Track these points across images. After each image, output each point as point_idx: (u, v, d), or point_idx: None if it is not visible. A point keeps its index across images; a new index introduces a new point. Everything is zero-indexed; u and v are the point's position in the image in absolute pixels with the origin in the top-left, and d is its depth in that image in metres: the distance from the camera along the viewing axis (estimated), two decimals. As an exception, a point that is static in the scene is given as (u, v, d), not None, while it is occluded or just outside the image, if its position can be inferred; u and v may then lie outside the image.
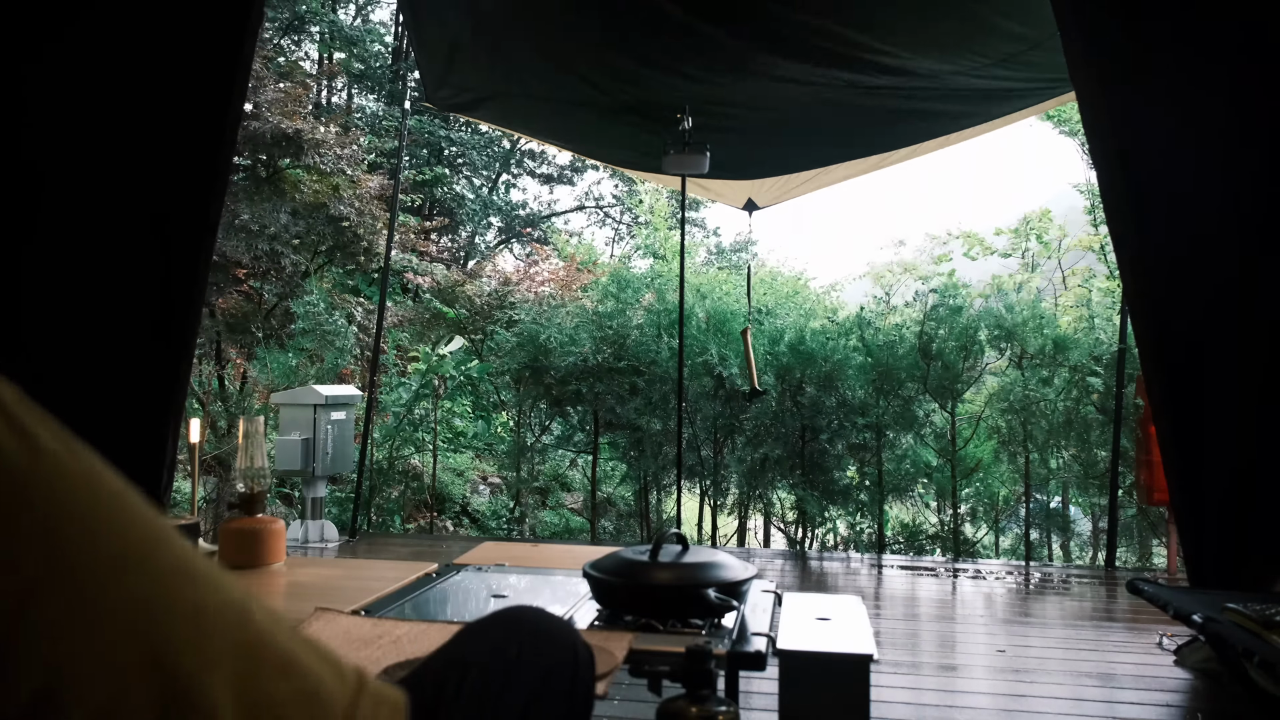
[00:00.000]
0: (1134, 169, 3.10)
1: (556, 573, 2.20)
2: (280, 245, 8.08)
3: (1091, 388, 5.58)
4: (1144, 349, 3.23)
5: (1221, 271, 3.06)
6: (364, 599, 1.86)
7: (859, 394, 5.84)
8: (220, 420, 7.13)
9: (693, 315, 6.14)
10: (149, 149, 3.22)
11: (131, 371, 3.27)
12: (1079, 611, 4.21)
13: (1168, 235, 3.10)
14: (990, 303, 6.13)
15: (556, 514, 7.49)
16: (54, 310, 3.15)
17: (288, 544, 2.34)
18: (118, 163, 3.21)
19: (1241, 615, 2.29)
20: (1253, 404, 3.00)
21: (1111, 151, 3.11)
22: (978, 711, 2.80)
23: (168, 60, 3.20)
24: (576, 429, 6.59)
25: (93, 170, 3.19)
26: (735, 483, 6.22)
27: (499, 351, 6.58)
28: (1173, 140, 3.09)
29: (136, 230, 3.25)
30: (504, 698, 1.01)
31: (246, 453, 2.27)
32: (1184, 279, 3.12)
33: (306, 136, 7.85)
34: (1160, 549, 5.84)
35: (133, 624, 0.42)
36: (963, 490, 5.94)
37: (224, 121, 3.27)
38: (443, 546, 5.55)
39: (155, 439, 3.30)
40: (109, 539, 0.43)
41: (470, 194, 14.92)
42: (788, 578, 4.83)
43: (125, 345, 3.28)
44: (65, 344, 3.18)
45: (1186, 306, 3.12)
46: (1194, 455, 3.10)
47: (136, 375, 3.28)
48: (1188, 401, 3.09)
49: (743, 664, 1.56)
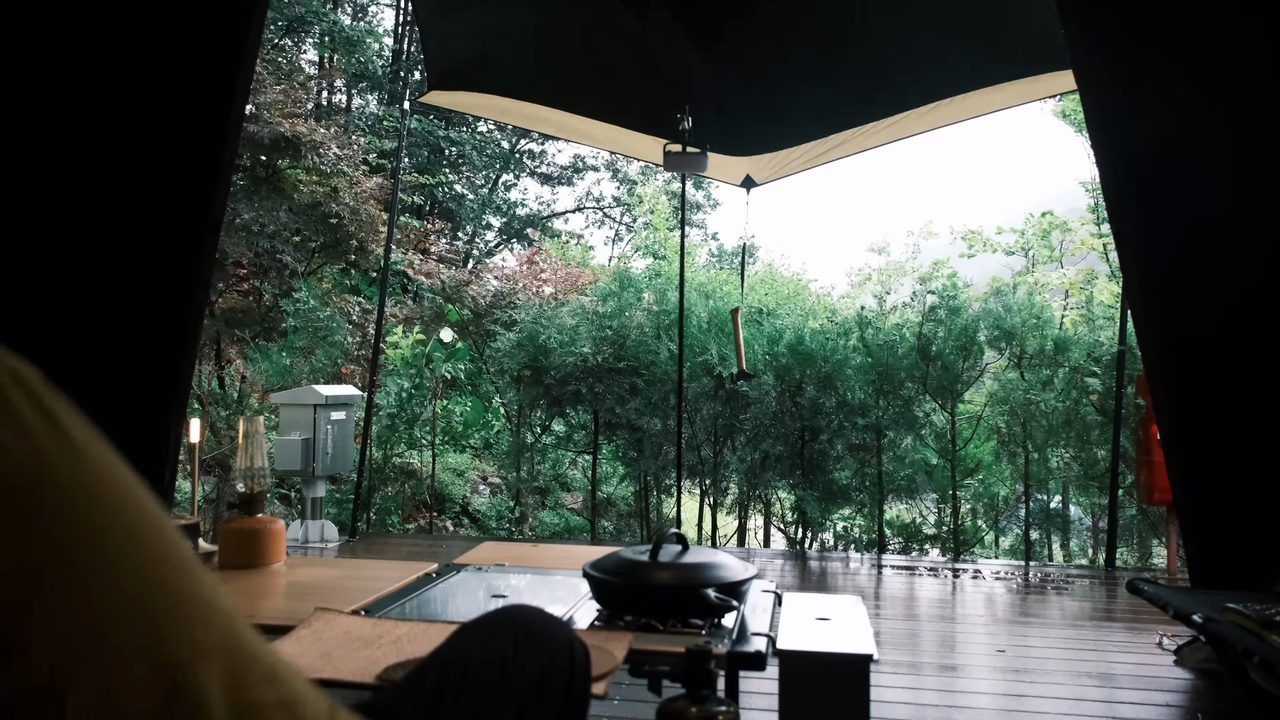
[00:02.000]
0: (1137, 162, 3.09)
1: (556, 573, 2.20)
2: (280, 244, 8.09)
3: (1091, 388, 5.58)
4: (1145, 347, 3.23)
5: (1226, 270, 3.06)
6: (364, 599, 1.86)
7: (859, 394, 5.84)
8: (219, 420, 7.13)
9: (693, 315, 6.14)
10: (152, 148, 3.22)
11: (134, 370, 3.27)
12: (1079, 611, 4.20)
13: (1169, 230, 3.09)
14: (990, 303, 6.13)
15: (556, 514, 7.49)
16: (58, 309, 3.15)
17: (287, 544, 2.34)
18: (121, 162, 3.21)
19: (1241, 615, 2.29)
20: (1255, 402, 3.00)
21: (1114, 143, 3.10)
22: (978, 712, 2.79)
23: (171, 59, 3.20)
24: (576, 429, 6.59)
25: (96, 170, 3.19)
26: (735, 483, 6.22)
27: (499, 352, 6.57)
28: (1175, 133, 3.08)
29: (139, 229, 3.26)
30: (500, 697, 1.01)
31: (246, 453, 2.26)
32: (1186, 276, 3.11)
33: (305, 138, 7.85)
34: (1160, 549, 5.84)
35: (136, 615, 0.42)
36: (962, 490, 5.94)
37: (227, 119, 3.27)
38: (443, 546, 5.55)
39: (158, 437, 3.30)
40: (119, 531, 0.43)
41: (470, 194, 14.93)
42: (788, 578, 4.82)
43: (128, 344, 3.28)
44: (68, 342, 3.18)
45: (1190, 304, 3.11)
46: (1196, 454, 3.10)
47: (139, 373, 3.28)
48: (1190, 400, 3.09)
49: (743, 664, 1.56)
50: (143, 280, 3.28)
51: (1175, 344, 3.12)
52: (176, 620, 0.44)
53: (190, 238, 3.29)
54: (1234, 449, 3.04)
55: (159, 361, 3.32)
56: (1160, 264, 3.12)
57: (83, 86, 3.10)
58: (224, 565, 2.17)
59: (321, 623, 1.66)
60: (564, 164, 16.65)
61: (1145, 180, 3.09)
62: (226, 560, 2.18)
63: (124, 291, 3.26)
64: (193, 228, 3.29)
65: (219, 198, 3.33)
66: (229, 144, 3.31)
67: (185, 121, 3.24)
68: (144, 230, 3.26)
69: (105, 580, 0.42)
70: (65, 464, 0.42)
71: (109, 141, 3.19)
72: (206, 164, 3.26)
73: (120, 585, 0.42)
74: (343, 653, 1.50)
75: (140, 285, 3.27)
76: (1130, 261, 3.20)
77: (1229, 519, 3.03)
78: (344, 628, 1.64)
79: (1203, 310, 3.10)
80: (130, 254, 3.26)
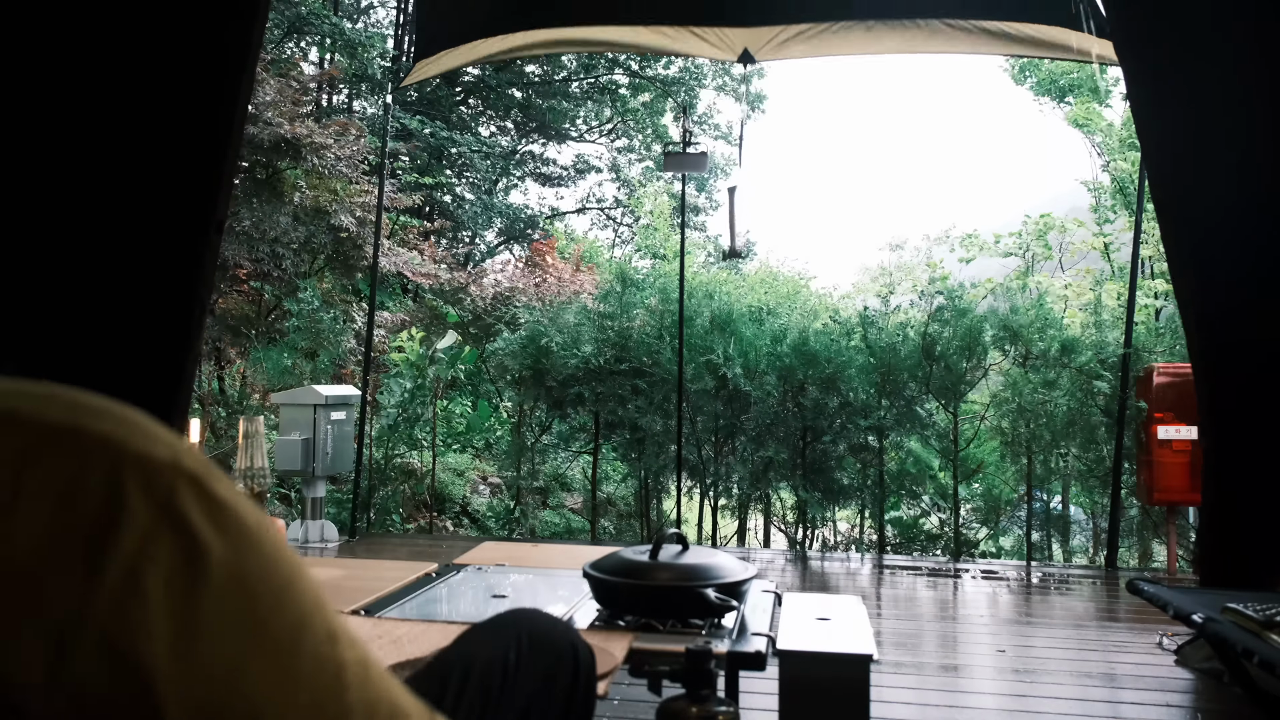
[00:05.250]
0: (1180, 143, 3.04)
1: (556, 573, 2.20)
2: (280, 248, 8.09)
3: (1096, 389, 5.57)
4: (1192, 345, 3.20)
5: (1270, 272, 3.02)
6: (364, 599, 1.86)
7: (861, 395, 5.84)
8: (219, 420, 7.13)
9: (695, 315, 6.14)
10: (155, 146, 3.22)
11: (137, 370, 3.27)
12: (1080, 612, 4.20)
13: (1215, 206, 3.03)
14: (995, 303, 6.12)
15: (557, 514, 7.49)
16: (60, 309, 3.15)
17: (288, 544, 2.34)
18: (122, 161, 3.21)
19: (1241, 615, 2.28)
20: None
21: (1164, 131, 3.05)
22: (979, 712, 2.79)
23: (173, 58, 3.20)
24: (577, 430, 6.59)
25: (98, 169, 3.19)
26: (737, 483, 6.22)
27: (500, 354, 6.57)
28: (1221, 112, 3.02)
29: (142, 227, 3.25)
30: (506, 699, 1.01)
31: (247, 453, 2.27)
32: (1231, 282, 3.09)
33: (305, 140, 7.85)
34: (1161, 549, 5.84)
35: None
36: (964, 490, 5.93)
37: (232, 117, 3.27)
38: (443, 546, 5.55)
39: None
40: (288, 611, 0.44)
41: (471, 195, 14.93)
42: (788, 578, 4.82)
43: (131, 344, 3.28)
44: (71, 342, 3.18)
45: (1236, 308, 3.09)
46: (1234, 455, 3.07)
47: (142, 373, 3.28)
48: (1229, 389, 3.06)
49: (743, 664, 1.56)
50: (146, 279, 3.27)
51: (1222, 330, 3.09)
52: None
53: (194, 236, 3.29)
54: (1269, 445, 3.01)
55: (162, 361, 3.32)
56: (1210, 266, 3.09)
57: (80, 83, 3.10)
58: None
59: (321, 623, 1.65)
60: (565, 164, 16.66)
61: (1192, 161, 3.05)
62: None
63: (127, 290, 3.26)
64: (197, 226, 3.29)
65: (223, 196, 3.33)
66: (233, 142, 3.31)
67: (189, 119, 3.23)
68: (147, 227, 3.26)
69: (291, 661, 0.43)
70: (253, 573, 0.43)
71: (111, 139, 3.19)
72: (210, 161, 3.26)
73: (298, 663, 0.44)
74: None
75: (144, 284, 3.27)
76: (1188, 256, 3.16)
77: (1256, 518, 3.01)
78: (344, 628, 1.63)
79: (1252, 298, 3.06)
80: (133, 253, 3.25)
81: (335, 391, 5.46)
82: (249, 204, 7.86)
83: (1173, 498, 4.94)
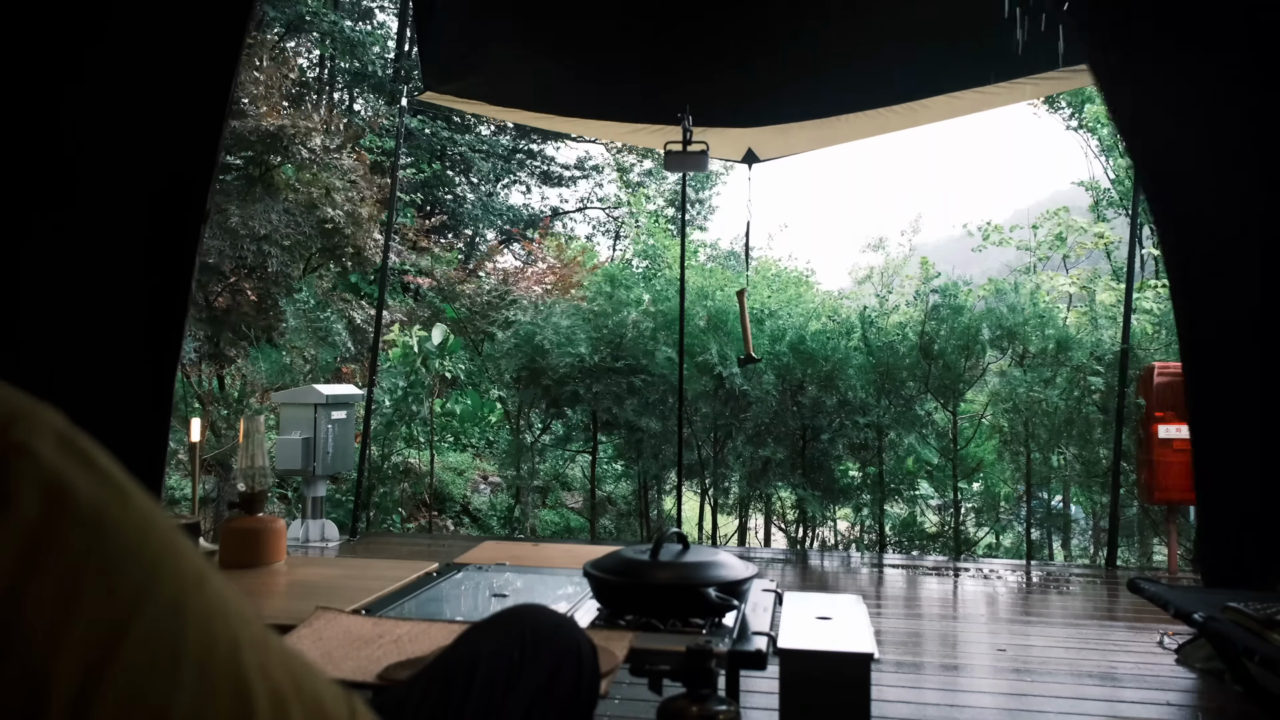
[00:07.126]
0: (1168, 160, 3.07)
1: (557, 572, 2.20)
2: (270, 245, 8.07)
3: (1094, 387, 5.58)
4: (1184, 341, 3.21)
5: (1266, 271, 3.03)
6: (365, 598, 1.86)
7: (860, 394, 5.84)
8: (219, 420, 7.13)
9: (694, 315, 6.14)
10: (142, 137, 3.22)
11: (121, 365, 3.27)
12: (1080, 610, 4.20)
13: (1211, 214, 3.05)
14: (992, 302, 6.12)
15: (557, 513, 7.50)
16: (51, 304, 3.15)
17: (288, 543, 2.34)
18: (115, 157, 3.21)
19: (1242, 614, 2.29)
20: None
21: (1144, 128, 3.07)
22: (979, 711, 2.79)
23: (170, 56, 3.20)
24: (575, 429, 6.59)
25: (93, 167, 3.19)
26: (736, 482, 6.22)
27: (497, 353, 6.57)
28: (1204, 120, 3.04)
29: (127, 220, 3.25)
30: (509, 696, 1.01)
31: (247, 452, 2.27)
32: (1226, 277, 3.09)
33: (300, 137, 7.84)
34: (1161, 548, 5.84)
35: None
36: (964, 489, 5.93)
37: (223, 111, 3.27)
38: (443, 546, 5.55)
39: (149, 432, 3.29)
40: (168, 582, 0.43)
41: (471, 194, 14.93)
42: (788, 577, 4.82)
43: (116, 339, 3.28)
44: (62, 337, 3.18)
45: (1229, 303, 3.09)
46: (1222, 454, 3.07)
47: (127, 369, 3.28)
48: (1220, 388, 3.07)
49: (743, 663, 1.56)
50: (128, 271, 3.27)
51: (1212, 338, 3.10)
52: None
53: (178, 228, 3.29)
54: (1260, 443, 3.01)
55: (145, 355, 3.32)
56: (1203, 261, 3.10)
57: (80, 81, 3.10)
58: (225, 565, 2.17)
59: (322, 622, 1.65)
60: (565, 164, 16.64)
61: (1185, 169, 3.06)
62: (227, 560, 2.18)
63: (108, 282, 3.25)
64: (181, 217, 3.29)
65: (210, 189, 3.33)
66: (222, 126, 3.31)
67: (175, 112, 3.23)
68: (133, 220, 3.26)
69: None
70: (132, 527, 0.42)
71: (105, 136, 3.18)
72: (194, 152, 3.26)
73: None
74: (343, 652, 1.50)
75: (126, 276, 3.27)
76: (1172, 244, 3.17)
77: (1251, 516, 3.01)
78: (345, 627, 1.64)
79: (1241, 298, 3.07)
80: (118, 245, 3.25)
81: (335, 391, 5.46)
82: (241, 201, 7.85)
83: (1173, 497, 4.94)
